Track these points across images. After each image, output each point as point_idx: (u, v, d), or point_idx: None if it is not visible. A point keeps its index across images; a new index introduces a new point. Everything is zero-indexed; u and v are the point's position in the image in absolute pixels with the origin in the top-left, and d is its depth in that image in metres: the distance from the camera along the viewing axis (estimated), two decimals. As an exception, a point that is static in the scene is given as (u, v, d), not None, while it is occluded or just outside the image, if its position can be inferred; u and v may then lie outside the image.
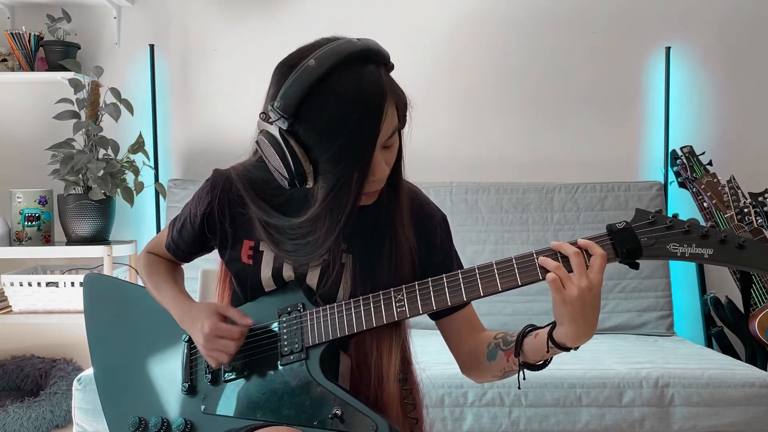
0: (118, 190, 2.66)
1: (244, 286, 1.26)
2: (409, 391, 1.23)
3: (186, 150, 3.00)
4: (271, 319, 1.22)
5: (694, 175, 2.69)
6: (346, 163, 1.04)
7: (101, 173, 2.63)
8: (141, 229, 2.99)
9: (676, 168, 2.79)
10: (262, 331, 1.22)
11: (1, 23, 2.92)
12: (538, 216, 2.78)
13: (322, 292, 1.21)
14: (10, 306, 2.65)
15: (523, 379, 1.15)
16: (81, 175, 2.66)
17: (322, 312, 1.18)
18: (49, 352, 2.89)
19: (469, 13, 2.94)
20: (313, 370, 1.16)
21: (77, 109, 2.67)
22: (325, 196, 1.06)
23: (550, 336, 1.09)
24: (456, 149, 2.95)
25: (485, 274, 1.10)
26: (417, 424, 1.23)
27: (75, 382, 2.09)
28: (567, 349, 1.08)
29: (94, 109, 2.67)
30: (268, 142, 1.05)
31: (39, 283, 2.60)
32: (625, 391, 2.04)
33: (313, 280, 1.22)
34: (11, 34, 2.80)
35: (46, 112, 2.83)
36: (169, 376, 1.30)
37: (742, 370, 2.11)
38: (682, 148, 2.75)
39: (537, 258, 1.07)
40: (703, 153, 2.73)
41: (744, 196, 2.64)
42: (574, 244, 1.06)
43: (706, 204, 2.66)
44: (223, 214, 1.24)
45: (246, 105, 2.91)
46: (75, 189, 2.69)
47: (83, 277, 1.48)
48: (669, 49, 2.90)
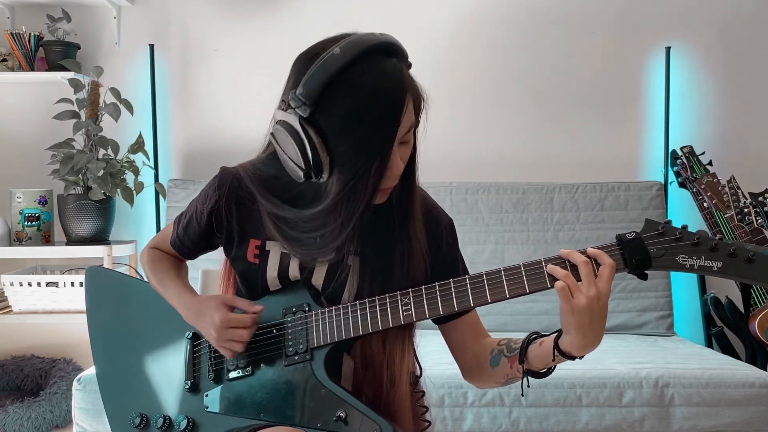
0: (118, 190, 2.66)
1: (249, 285, 1.26)
2: (421, 394, 1.23)
3: (186, 150, 3.00)
4: (276, 318, 1.21)
5: (694, 175, 2.69)
6: (366, 155, 1.03)
7: (101, 173, 2.63)
8: (141, 229, 2.99)
9: (676, 168, 2.79)
10: (267, 331, 1.21)
11: (1, 23, 2.92)
12: (538, 216, 2.78)
13: (328, 295, 1.21)
14: (10, 306, 2.65)
15: (527, 386, 1.15)
16: (81, 175, 2.66)
17: (327, 313, 1.17)
18: (49, 352, 2.89)
19: (469, 13, 2.94)
20: (317, 372, 1.16)
21: (77, 109, 2.67)
22: (341, 188, 1.05)
23: (555, 344, 1.09)
24: (456, 149, 2.95)
25: (493, 280, 1.09)
26: (429, 426, 1.23)
27: (75, 382, 2.09)
28: (572, 357, 1.08)
29: (94, 109, 2.67)
30: (286, 131, 1.05)
31: (39, 283, 2.60)
32: (625, 391, 2.04)
33: (318, 281, 1.22)
34: (11, 34, 2.80)
35: (46, 112, 2.83)
36: (171, 373, 1.30)
37: (742, 370, 2.11)
38: (682, 148, 2.75)
39: (546, 266, 1.07)
40: (703, 153, 2.73)
41: (744, 196, 2.64)
42: (584, 252, 1.05)
43: (706, 204, 2.66)
44: (230, 212, 1.23)
45: (246, 105, 2.92)
46: (75, 189, 2.69)
47: (86, 270, 1.48)
48: (669, 49, 2.91)
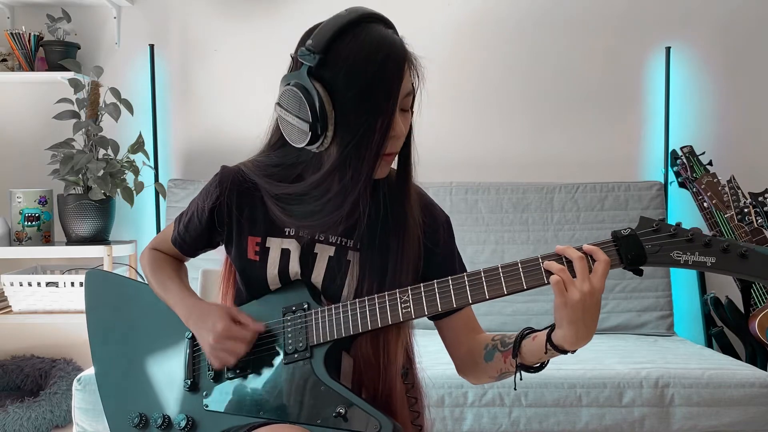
0: (118, 190, 2.66)
1: (249, 283, 1.26)
2: (410, 385, 1.24)
3: (186, 150, 3.00)
4: (275, 317, 1.22)
5: (694, 175, 2.69)
6: (370, 108, 1.06)
7: (101, 173, 2.63)
8: (141, 229, 2.99)
9: (676, 168, 2.79)
10: (267, 330, 1.22)
11: (1, 23, 2.92)
12: (538, 216, 2.78)
13: (327, 291, 1.22)
14: (10, 306, 2.65)
15: (520, 380, 1.16)
16: (81, 175, 2.66)
17: (327, 311, 1.18)
18: (49, 352, 2.89)
19: (469, 14, 2.95)
20: (317, 369, 1.16)
21: (77, 109, 2.67)
22: (346, 145, 1.07)
23: (548, 338, 1.10)
24: (456, 149, 2.95)
25: (491, 277, 1.10)
26: (418, 417, 1.24)
27: (75, 382, 2.09)
28: (565, 351, 1.09)
29: (94, 109, 2.67)
30: (293, 87, 1.08)
31: (39, 283, 2.60)
32: (625, 391, 2.04)
33: (318, 277, 1.22)
34: (11, 34, 2.80)
35: (46, 112, 2.83)
36: (170, 372, 1.30)
37: (742, 370, 2.11)
38: (682, 148, 2.75)
39: (542, 262, 1.08)
40: (703, 153, 2.73)
41: (744, 196, 2.64)
42: (580, 249, 1.06)
43: (706, 204, 2.67)
44: (232, 207, 1.24)
45: (246, 105, 2.92)
46: (75, 189, 2.69)
47: (85, 274, 1.48)
48: (669, 49, 2.91)
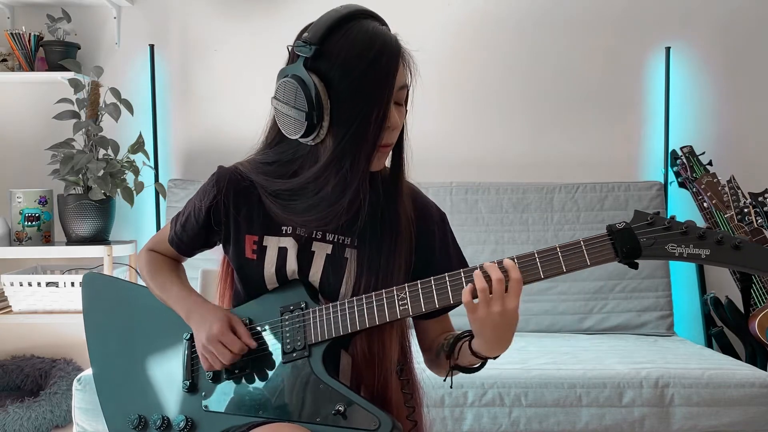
0: (118, 190, 2.66)
1: (247, 282, 1.26)
2: (406, 381, 1.24)
3: (186, 150, 3.00)
4: (273, 317, 1.22)
5: (694, 175, 2.69)
6: (366, 100, 1.08)
7: (101, 173, 2.63)
8: (141, 229, 2.99)
9: (676, 168, 2.79)
10: (265, 329, 1.22)
11: (1, 23, 2.92)
12: (538, 216, 2.78)
13: (325, 289, 1.22)
14: (10, 306, 2.65)
15: (450, 383, 1.21)
16: (81, 175, 2.66)
17: (325, 310, 1.18)
18: (49, 352, 2.89)
19: (469, 14, 2.95)
20: (315, 367, 1.16)
21: (77, 109, 2.67)
22: (344, 135, 1.08)
23: (470, 345, 1.15)
24: (456, 149, 2.95)
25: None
26: (413, 412, 1.24)
27: (75, 382, 2.09)
28: (486, 358, 1.15)
29: (94, 109, 2.67)
30: (290, 79, 1.09)
31: (39, 283, 2.60)
32: (625, 391, 2.04)
33: (316, 275, 1.23)
34: (11, 34, 2.80)
35: (46, 112, 2.83)
36: (169, 373, 1.30)
37: (742, 370, 2.11)
38: (682, 148, 2.75)
39: (464, 275, 1.11)
40: (703, 153, 2.73)
41: (744, 196, 2.64)
42: (501, 263, 1.08)
43: (706, 204, 2.67)
44: (229, 206, 1.24)
45: (246, 105, 2.92)
46: (75, 189, 2.69)
47: (82, 276, 1.48)
48: (669, 50, 2.91)
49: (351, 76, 1.07)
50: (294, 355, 1.18)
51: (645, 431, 2.03)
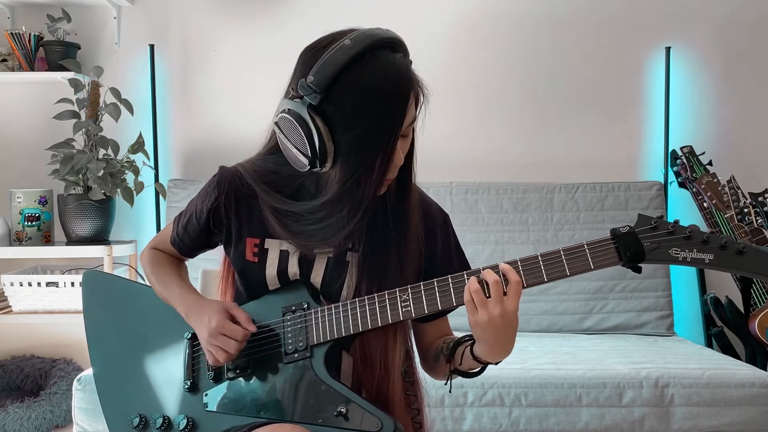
0: (118, 190, 2.66)
1: (248, 284, 1.26)
2: (410, 383, 1.25)
3: (186, 150, 3.00)
4: (275, 317, 1.22)
5: (694, 175, 2.69)
6: (372, 146, 1.06)
7: (101, 173, 2.63)
8: (141, 229, 2.99)
9: (676, 168, 2.79)
10: (267, 330, 1.22)
11: (1, 23, 2.92)
12: (538, 216, 2.78)
13: (326, 291, 1.22)
14: (10, 306, 2.65)
15: (449, 386, 1.22)
16: (81, 175, 2.66)
17: (327, 311, 1.18)
18: (49, 352, 2.89)
19: (469, 14, 2.95)
20: (317, 368, 1.16)
21: (77, 109, 2.67)
22: (346, 179, 1.07)
23: (471, 350, 1.14)
24: (456, 149, 2.95)
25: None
26: (419, 414, 1.24)
27: (75, 382, 2.09)
28: (487, 363, 1.14)
29: (94, 109, 2.67)
30: (293, 119, 1.05)
31: (39, 283, 2.60)
32: (625, 391, 2.04)
33: (317, 278, 1.22)
34: (11, 34, 2.80)
35: (46, 112, 2.83)
36: (170, 373, 1.30)
37: (742, 370, 2.11)
38: (682, 148, 2.75)
39: (468, 278, 1.10)
40: (703, 153, 2.73)
41: (744, 196, 2.64)
42: (495, 268, 1.08)
43: (706, 204, 2.67)
44: (230, 209, 1.24)
45: (246, 105, 2.92)
46: (75, 189, 2.69)
47: (83, 275, 1.48)
48: (669, 50, 2.91)
49: (357, 127, 1.04)
50: (296, 355, 1.18)
51: (645, 431, 2.03)
